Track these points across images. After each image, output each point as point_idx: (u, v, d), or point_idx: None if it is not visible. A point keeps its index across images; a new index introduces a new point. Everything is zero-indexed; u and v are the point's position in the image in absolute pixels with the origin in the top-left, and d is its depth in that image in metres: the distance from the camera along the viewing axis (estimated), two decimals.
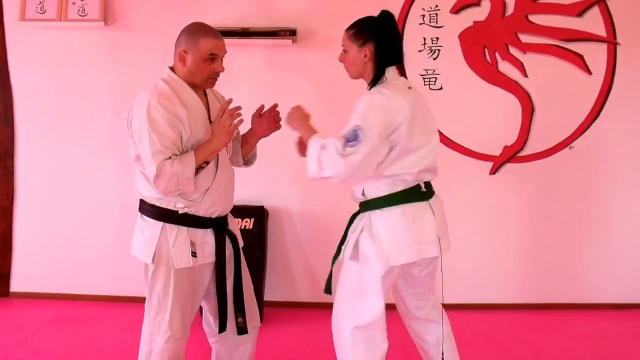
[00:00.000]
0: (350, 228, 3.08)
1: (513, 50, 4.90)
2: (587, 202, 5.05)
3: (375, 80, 2.97)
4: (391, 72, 2.98)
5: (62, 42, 4.94)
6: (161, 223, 2.91)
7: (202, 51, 2.89)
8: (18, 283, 5.16)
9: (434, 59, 4.91)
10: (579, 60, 4.89)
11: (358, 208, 3.10)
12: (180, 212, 2.91)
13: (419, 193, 3.00)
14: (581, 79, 4.92)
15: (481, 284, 5.08)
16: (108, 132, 4.95)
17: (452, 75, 4.91)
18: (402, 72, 3.09)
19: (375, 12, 3.08)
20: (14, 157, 5.06)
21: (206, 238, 3.00)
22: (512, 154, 4.97)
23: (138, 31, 4.90)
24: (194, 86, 2.97)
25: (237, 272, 3.15)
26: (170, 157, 2.77)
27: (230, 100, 3.01)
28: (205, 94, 3.08)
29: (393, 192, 2.94)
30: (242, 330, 3.18)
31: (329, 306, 5.01)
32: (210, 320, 3.28)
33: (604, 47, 4.90)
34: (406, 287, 3.21)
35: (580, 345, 4.39)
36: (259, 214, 4.86)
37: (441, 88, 4.89)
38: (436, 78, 4.90)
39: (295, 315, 4.92)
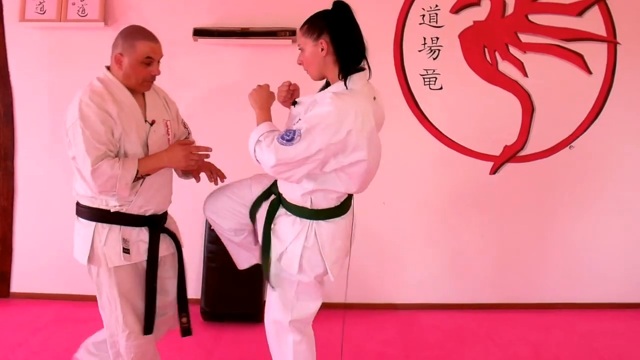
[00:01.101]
0: (288, 236, 2.95)
1: (513, 50, 4.90)
2: (587, 202, 5.05)
3: (345, 77, 2.77)
4: (357, 79, 2.79)
5: (62, 43, 4.94)
6: (94, 223, 2.93)
7: (139, 54, 2.92)
8: (18, 283, 5.15)
9: (434, 58, 4.90)
10: (579, 60, 4.89)
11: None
12: (112, 211, 2.92)
13: (349, 203, 3.01)
14: (581, 78, 4.92)
15: (482, 283, 5.08)
16: None
17: (452, 75, 4.90)
18: (370, 72, 2.90)
19: (374, 12, 3.06)
20: (14, 157, 5.05)
21: (142, 236, 3.01)
22: (512, 154, 4.97)
23: None
24: (129, 89, 2.97)
25: (181, 271, 3.18)
26: (105, 153, 2.79)
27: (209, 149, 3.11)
28: (143, 95, 3.07)
29: (340, 203, 2.92)
30: (186, 331, 3.22)
31: (326, 306, 5.02)
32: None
33: (604, 46, 4.90)
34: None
35: (580, 344, 4.40)
36: None
37: (441, 88, 4.89)
38: (436, 78, 4.90)
39: None
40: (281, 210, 2.98)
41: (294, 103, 2.95)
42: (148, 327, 3.06)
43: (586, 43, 4.89)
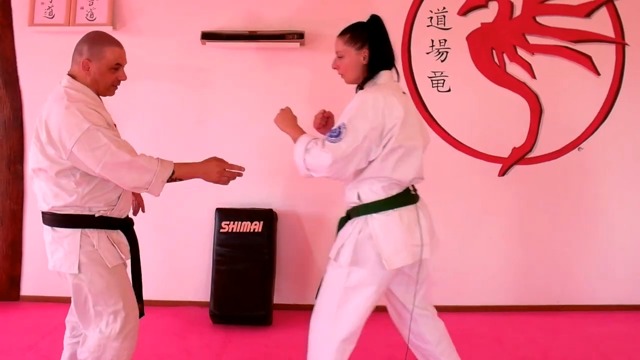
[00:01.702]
0: (343, 232, 3.08)
1: (521, 52, 4.90)
2: (596, 204, 5.03)
3: (365, 81, 3.04)
4: (385, 75, 3.03)
5: (71, 47, 4.89)
6: (79, 230, 2.88)
7: (108, 60, 2.92)
8: (28, 287, 5.17)
9: (442, 61, 4.90)
10: (587, 61, 4.88)
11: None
12: (96, 216, 2.90)
13: (410, 197, 3.04)
14: (589, 80, 4.91)
15: (489, 285, 5.07)
16: None
17: (460, 77, 4.90)
18: (397, 78, 3.16)
19: (384, 15, 3.11)
20: (24, 161, 5.07)
21: (120, 238, 3.01)
22: (520, 156, 4.96)
23: (146, 35, 4.90)
24: (96, 94, 2.98)
25: (136, 262, 3.16)
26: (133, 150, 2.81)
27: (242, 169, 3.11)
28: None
29: (389, 196, 2.97)
30: (141, 313, 3.18)
31: None
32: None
33: (612, 47, 4.89)
34: (400, 288, 3.19)
35: (588, 347, 4.38)
36: (268, 217, 4.87)
37: (449, 90, 4.89)
38: (444, 80, 4.90)
39: (304, 317, 4.86)
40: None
41: None
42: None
43: (594, 44, 4.88)
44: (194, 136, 4.92)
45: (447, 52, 4.90)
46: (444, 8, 4.88)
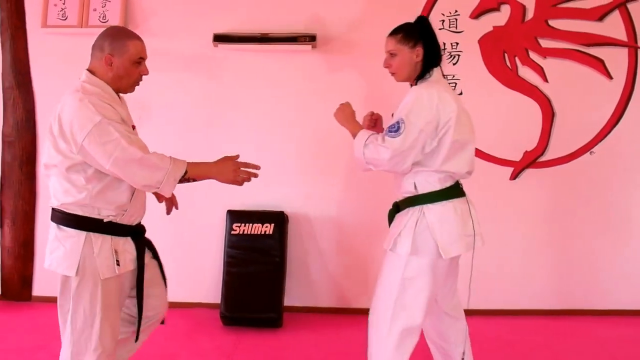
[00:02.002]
0: (397, 222, 3.16)
1: (533, 55, 4.89)
2: (608, 208, 5.01)
3: (420, 77, 3.13)
4: (436, 72, 3.15)
5: (84, 49, 4.91)
6: (84, 232, 2.80)
7: (131, 54, 2.87)
8: (40, 287, 5.19)
9: (454, 64, 4.90)
10: (600, 65, 4.87)
11: (390, 208, 3.23)
12: (105, 221, 2.83)
13: (460, 189, 3.20)
14: (602, 83, 4.89)
15: (501, 290, 5.05)
16: None
17: (472, 81, 4.90)
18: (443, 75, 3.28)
19: (395, 18, 3.16)
20: (36, 162, 5.10)
21: (127, 246, 2.92)
22: (532, 159, 4.95)
23: (158, 37, 4.91)
24: (116, 91, 2.93)
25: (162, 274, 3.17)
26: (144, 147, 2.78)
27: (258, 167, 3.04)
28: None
29: (444, 187, 3.09)
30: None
31: (347, 311, 5.03)
32: None
33: (624, 51, 4.87)
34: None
35: (601, 352, 4.36)
36: (279, 219, 4.88)
37: (461, 93, 4.87)
38: (456, 83, 4.89)
39: (314, 320, 4.92)
40: (397, 215, 3.22)
41: (393, 115, 3.18)
42: (137, 334, 3.05)
43: (607, 48, 4.86)
44: (205, 138, 4.93)
45: (459, 55, 4.89)
46: (456, 11, 4.87)
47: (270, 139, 4.88)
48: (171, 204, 3.30)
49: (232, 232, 4.86)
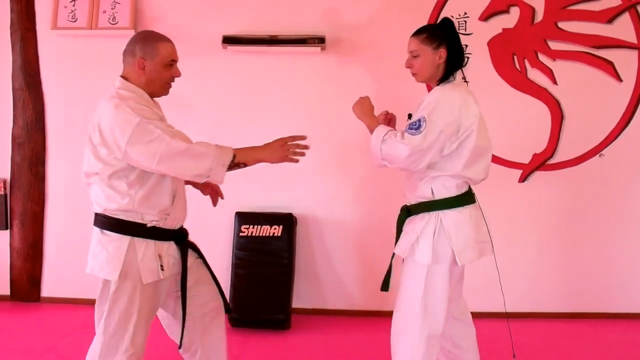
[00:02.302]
0: (412, 228, 3.14)
1: (542, 58, 4.87)
2: (617, 211, 5.00)
3: (444, 79, 3.13)
4: (458, 75, 3.16)
5: (93, 50, 4.99)
6: (128, 237, 2.83)
7: (163, 57, 2.89)
8: (49, 288, 5.22)
9: (463, 66, 4.88)
10: (609, 67, 4.85)
11: (399, 212, 3.22)
12: (148, 226, 2.85)
13: (473, 195, 3.20)
14: (611, 86, 4.88)
15: (508, 292, 5.02)
16: None
17: (481, 83, 4.87)
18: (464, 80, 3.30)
19: (404, 20, 3.17)
20: (45, 163, 5.13)
21: (170, 250, 2.96)
22: (541, 162, 4.94)
23: None
24: (150, 95, 2.94)
25: (208, 268, 3.20)
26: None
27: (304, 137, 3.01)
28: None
29: (460, 193, 3.09)
30: (228, 309, 3.29)
31: (356, 314, 5.04)
32: (176, 332, 3.17)
33: (634, 53, 4.86)
34: None
35: (607, 356, 4.35)
36: (287, 221, 4.88)
37: None
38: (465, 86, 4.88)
39: (322, 322, 4.92)
40: (408, 220, 3.21)
41: (409, 116, 3.22)
42: (182, 335, 3.08)
43: (616, 50, 4.85)
44: (214, 139, 4.88)
45: (468, 58, 4.88)
46: (465, 13, 4.87)
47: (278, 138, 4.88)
48: (216, 194, 3.36)
49: (241, 234, 4.87)
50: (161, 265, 2.87)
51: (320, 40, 4.77)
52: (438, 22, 3.21)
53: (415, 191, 3.14)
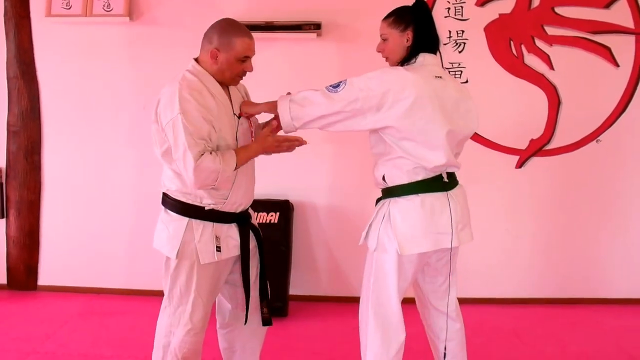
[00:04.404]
0: (372, 216, 3.10)
1: (539, 43, 4.86)
2: (614, 196, 5.00)
3: (405, 60, 3.02)
4: (427, 57, 3.00)
5: (88, 38, 4.97)
6: (186, 218, 2.92)
7: (237, 52, 2.90)
8: (45, 276, 5.21)
9: (460, 52, 4.88)
10: (606, 53, 4.84)
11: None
12: (206, 209, 2.92)
13: (440, 184, 3.00)
14: (608, 71, 4.87)
15: (507, 277, 5.05)
16: (133, 126, 4.98)
17: (478, 69, 4.87)
18: (442, 63, 3.16)
19: (400, 5, 3.10)
20: (41, 151, 5.11)
21: (230, 232, 3.01)
22: (538, 148, 4.93)
23: (163, 26, 4.91)
24: (219, 81, 2.97)
25: (261, 263, 3.18)
26: (204, 149, 2.78)
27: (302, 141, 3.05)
28: (227, 88, 3.06)
29: (413, 180, 2.95)
30: (267, 321, 3.20)
31: (353, 300, 5.00)
32: (225, 310, 3.29)
33: (631, 39, 4.84)
34: (423, 276, 3.20)
35: (606, 341, 4.36)
36: (284, 208, 4.87)
37: (467, 81, 4.85)
38: (462, 71, 4.87)
39: (319, 309, 4.93)
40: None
41: None
42: (247, 317, 3.16)
43: (613, 35, 4.83)
44: None
45: (464, 43, 4.87)
46: None
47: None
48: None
49: None
50: (218, 247, 2.94)
51: (316, 26, 4.76)
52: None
53: (375, 178, 3.10)
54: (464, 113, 3.02)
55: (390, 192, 3.01)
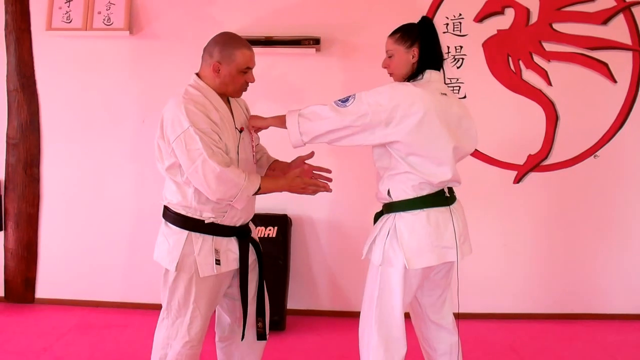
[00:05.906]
0: (374, 228, 3.12)
1: (537, 59, 4.88)
2: (612, 212, 5.00)
3: (411, 77, 3.05)
4: (433, 74, 3.03)
5: (88, 51, 4.99)
6: (186, 231, 2.94)
7: (238, 64, 2.93)
8: (43, 289, 5.20)
9: (458, 67, 4.90)
10: (604, 69, 4.86)
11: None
12: (206, 222, 2.94)
13: (443, 198, 3.04)
14: (606, 87, 4.88)
15: (505, 293, 5.05)
16: (133, 140, 4.99)
17: (476, 84, 4.89)
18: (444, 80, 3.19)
19: (399, 21, 3.14)
20: (40, 164, 5.11)
21: (230, 246, 3.02)
22: (536, 163, 4.94)
23: (163, 40, 4.93)
24: (221, 95, 2.99)
25: (260, 278, 3.19)
26: (225, 159, 2.81)
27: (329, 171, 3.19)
28: (228, 101, 3.08)
29: (418, 195, 2.98)
30: (261, 335, 3.22)
31: (350, 315, 5.03)
32: (224, 323, 3.31)
33: (629, 55, 4.86)
34: (422, 290, 3.20)
35: (604, 356, 4.36)
36: (282, 222, 4.87)
37: (465, 97, 4.87)
38: (460, 87, 4.89)
39: (317, 323, 4.92)
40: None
41: None
42: (244, 332, 3.17)
43: (611, 52, 4.86)
44: None
45: (463, 59, 4.89)
46: (460, 14, 4.87)
47: (273, 141, 4.87)
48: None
49: None
50: (217, 260, 2.96)
51: (315, 42, 4.77)
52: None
53: (378, 193, 3.12)
54: (465, 130, 3.07)
55: (394, 207, 3.03)
